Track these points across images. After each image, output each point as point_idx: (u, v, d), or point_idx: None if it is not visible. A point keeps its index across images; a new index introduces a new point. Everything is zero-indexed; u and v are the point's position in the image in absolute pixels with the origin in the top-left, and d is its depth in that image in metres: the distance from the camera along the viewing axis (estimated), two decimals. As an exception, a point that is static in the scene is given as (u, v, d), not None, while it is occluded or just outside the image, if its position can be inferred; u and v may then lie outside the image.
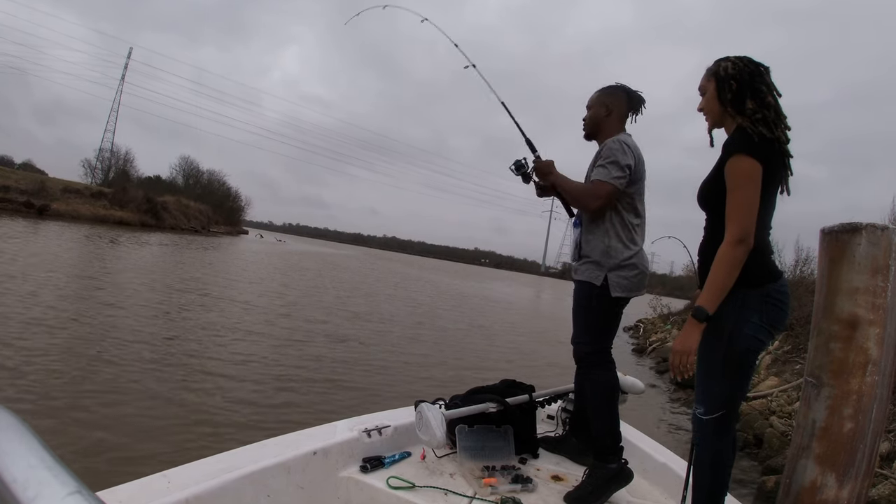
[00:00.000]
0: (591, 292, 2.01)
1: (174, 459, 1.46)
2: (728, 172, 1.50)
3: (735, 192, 1.49)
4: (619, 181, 1.98)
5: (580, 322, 2.07)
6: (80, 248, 16.56)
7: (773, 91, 1.57)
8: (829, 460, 1.63)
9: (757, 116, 1.52)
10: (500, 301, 23.97)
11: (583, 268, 2.06)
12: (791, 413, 4.97)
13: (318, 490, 1.65)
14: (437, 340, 8.85)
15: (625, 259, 2.01)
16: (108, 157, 54.13)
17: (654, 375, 9.69)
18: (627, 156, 2.01)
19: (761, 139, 1.49)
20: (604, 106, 2.15)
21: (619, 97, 2.15)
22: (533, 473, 1.99)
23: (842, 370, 1.64)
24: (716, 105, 1.61)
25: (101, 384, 4.32)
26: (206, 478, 1.35)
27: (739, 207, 1.47)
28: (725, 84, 1.57)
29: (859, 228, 1.70)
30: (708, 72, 1.64)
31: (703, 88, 1.66)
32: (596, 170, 2.04)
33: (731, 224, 1.48)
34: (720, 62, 1.61)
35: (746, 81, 1.55)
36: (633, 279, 2.02)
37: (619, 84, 2.18)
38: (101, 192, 40.09)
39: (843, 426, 1.63)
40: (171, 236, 33.74)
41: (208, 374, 4.95)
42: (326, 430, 1.83)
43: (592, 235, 2.06)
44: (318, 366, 5.87)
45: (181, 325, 7.04)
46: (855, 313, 1.66)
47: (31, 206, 30.85)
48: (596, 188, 2.01)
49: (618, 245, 2.01)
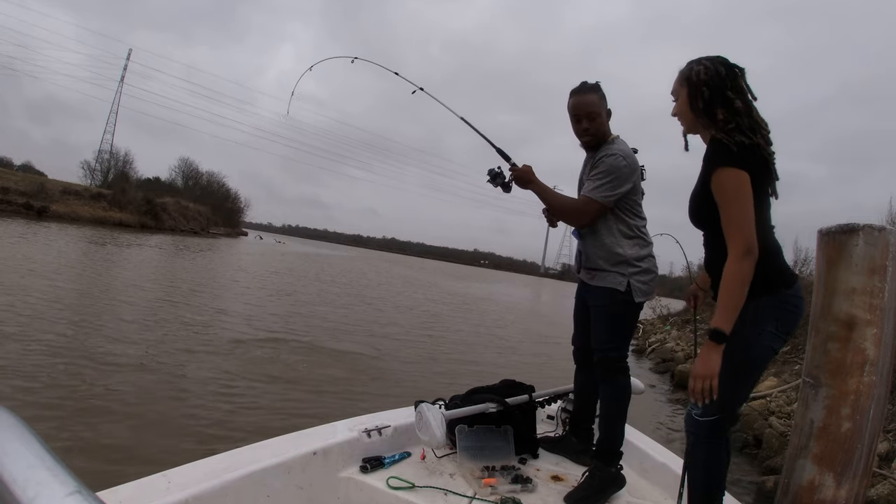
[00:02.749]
0: (615, 298, 1.99)
1: (174, 459, 1.47)
2: (716, 188, 1.45)
3: (727, 207, 1.43)
4: (609, 200, 1.96)
5: (604, 328, 2.03)
6: (77, 250, 16.56)
7: (746, 95, 1.49)
8: (827, 460, 1.64)
9: (730, 126, 1.45)
10: (501, 302, 23.97)
11: (602, 274, 2.03)
12: (790, 413, 4.97)
13: (318, 490, 1.65)
14: (437, 342, 8.84)
15: (642, 262, 2.00)
16: (108, 158, 54.10)
17: (654, 376, 9.69)
18: (628, 179, 1.96)
19: (741, 147, 1.43)
20: (605, 111, 2.06)
21: (605, 96, 2.06)
22: (533, 473, 1.99)
23: (839, 370, 1.65)
24: (688, 112, 1.54)
25: (99, 386, 4.32)
26: (206, 478, 1.35)
27: (735, 222, 1.42)
28: (697, 91, 1.50)
29: (856, 229, 1.71)
30: (680, 75, 1.56)
31: (675, 93, 1.59)
32: (590, 181, 1.99)
33: (731, 240, 1.42)
34: (692, 65, 1.53)
35: (718, 87, 1.48)
36: (650, 283, 2.02)
37: (598, 82, 2.06)
38: (101, 194, 40.08)
39: (840, 426, 1.64)
40: (170, 238, 33.73)
41: (209, 375, 4.96)
42: (326, 431, 1.83)
43: (602, 243, 2.03)
44: (316, 367, 5.87)
45: (179, 326, 7.03)
46: (852, 314, 1.66)
47: (31, 207, 30.85)
48: (585, 206, 1.98)
49: (632, 250, 2.00)
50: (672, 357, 10.66)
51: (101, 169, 52.77)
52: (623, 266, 1.98)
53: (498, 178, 2.08)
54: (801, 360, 6.45)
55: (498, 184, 2.09)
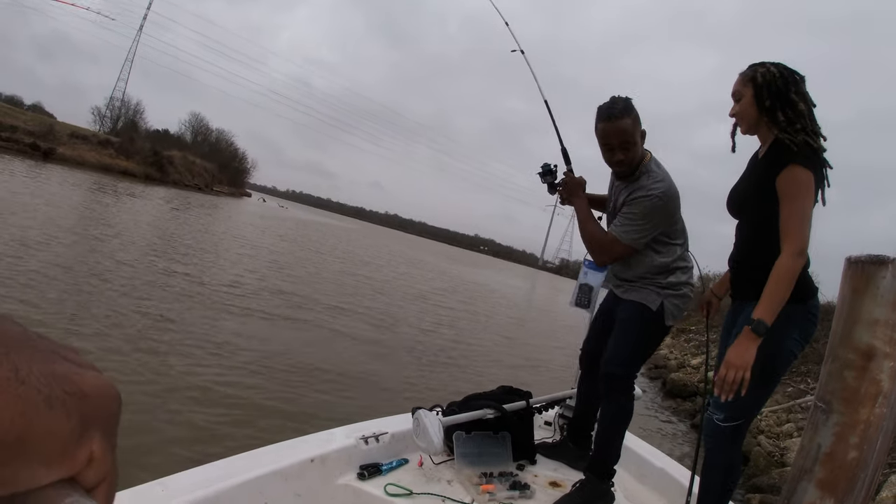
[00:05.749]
0: (643, 315, 1.92)
1: (170, 467, 1.45)
2: (786, 183, 1.48)
3: (792, 203, 1.46)
4: (637, 242, 1.87)
5: (622, 342, 1.96)
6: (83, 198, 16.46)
7: (807, 100, 1.54)
8: (830, 486, 1.65)
9: (796, 127, 1.50)
10: (503, 294, 23.99)
11: (637, 288, 1.96)
12: (780, 434, 5.02)
13: (316, 497, 1.64)
14: (437, 344, 8.74)
15: (681, 287, 1.94)
16: (119, 106, 53.71)
17: (645, 382, 9.75)
18: (664, 220, 1.86)
19: (807, 148, 1.47)
20: (640, 134, 1.87)
21: (638, 118, 1.87)
22: (530, 480, 1.99)
23: (853, 399, 1.65)
24: (753, 111, 1.58)
25: None
26: (202, 485, 1.34)
27: (798, 219, 1.45)
28: (763, 90, 1.55)
29: (886, 262, 1.70)
30: (744, 77, 1.60)
31: (738, 93, 1.62)
32: (621, 219, 1.89)
33: (789, 236, 1.45)
34: (757, 67, 1.57)
35: (783, 90, 1.52)
36: (683, 307, 1.96)
37: (629, 100, 1.87)
38: (109, 141, 39.87)
39: (847, 454, 1.64)
40: (174, 191, 33.50)
41: (203, 381, 4.61)
42: (324, 437, 1.82)
43: (641, 261, 1.94)
44: (314, 371, 5.61)
45: (176, 323, 6.37)
46: (872, 345, 1.66)
47: (37, 148, 30.72)
48: (611, 245, 1.90)
49: (668, 277, 1.93)
50: (664, 364, 10.73)
51: (111, 116, 52.47)
52: (661, 287, 1.92)
53: (549, 175, 2.02)
54: (794, 383, 6.50)
55: (547, 181, 2.04)
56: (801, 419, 5.05)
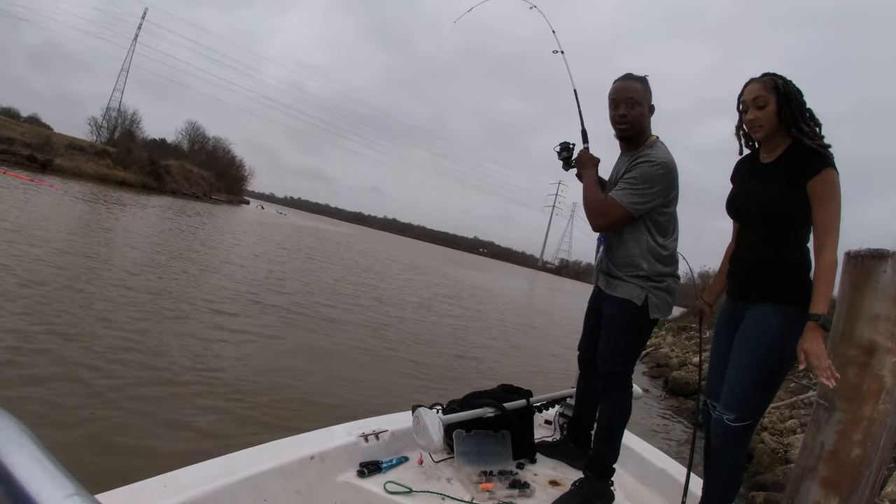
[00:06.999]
0: (630, 311, 1.91)
1: (171, 464, 1.44)
2: (823, 187, 1.55)
3: (831, 203, 1.55)
4: (635, 208, 1.85)
5: (613, 341, 1.97)
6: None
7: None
8: (834, 484, 1.63)
9: (820, 133, 1.59)
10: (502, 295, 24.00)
11: (621, 283, 1.95)
12: (783, 430, 4.99)
13: (315, 495, 1.64)
14: (436, 344, 8.75)
15: (665, 279, 1.93)
16: (115, 116, 53.74)
17: (647, 381, 9.73)
18: (663, 190, 1.86)
19: (830, 153, 1.56)
20: (648, 105, 1.93)
21: (650, 90, 1.94)
22: (530, 478, 1.98)
23: (855, 396, 1.63)
24: (774, 120, 1.63)
25: (96, 386, 4.04)
26: (202, 482, 1.35)
27: (835, 219, 1.55)
28: (786, 100, 1.61)
29: (886, 255, 1.68)
30: (765, 85, 1.65)
31: (762, 99, 1.65)
32: (622, 183, 1.90)
33: (829, 236, 1.55)
34: (776, 78, 1.63)
35: (801, 100, 1.61)
36: (669, 301, 1.96)
37: (646, 76, 1.95)
38: (106, 151, 39.90)
39: (850, 451, 1.62)
40: (171, 200, 33.50)
41: (203, 379, 4.64)
42: (324, 435, 1.83)
43: (627, 253, 1.94)
44: (314, 370, 5.61)
45: (176, 323, 6.45)
46: (874, 340, 1.64)
47: (35, 160, 30.73)
48: (608, 208, 1.88)
49: (657, 266, 1.92)
50: (666, 363, 10.71)
51: (107, 126, 52.48)
52: (644, 279, 1.91)
53: (566, 150, 2.11)
54: (795, 379, 6.47)
55: (564, 157, 2.12)
56: (805, 415, 5.03)
